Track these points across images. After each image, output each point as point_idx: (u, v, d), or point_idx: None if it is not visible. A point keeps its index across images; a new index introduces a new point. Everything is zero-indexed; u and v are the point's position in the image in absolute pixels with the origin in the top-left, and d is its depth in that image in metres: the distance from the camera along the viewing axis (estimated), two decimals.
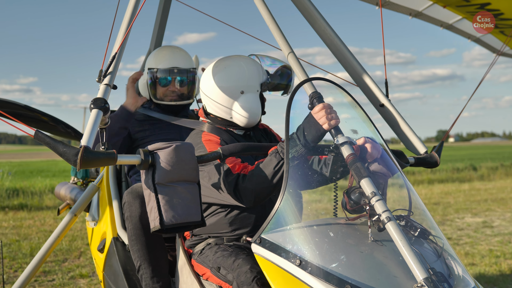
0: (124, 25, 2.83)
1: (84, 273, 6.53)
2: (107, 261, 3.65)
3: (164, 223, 2.26)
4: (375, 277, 2.05)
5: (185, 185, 2.33)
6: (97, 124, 2.36)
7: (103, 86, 2.57)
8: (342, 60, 3.50)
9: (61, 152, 2.20)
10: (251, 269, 2.47)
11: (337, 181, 2.53)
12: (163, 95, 3.72)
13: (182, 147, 2.33)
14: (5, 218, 11.01)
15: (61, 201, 4.71)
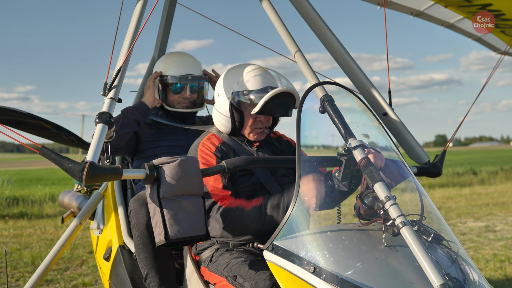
0: (129, 38, 2.82)
1: (87, 282, 6.48)
2: (113, 269, 3.61)
3: (170, 238, 2.28)
4: (391, 284, 2.01)
5: (190, 199, 2.34)
6: (102, 139, 2.37)
7: (108, 100, 2.56)
8: (346, 68, 3.48)
9: (67, 168, 2.21)
10: (270, 276, 2.44)
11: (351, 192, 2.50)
12: (176, 102, 3.71)
13: (186, 161, 2.34)
14: (6, 227, 10.96)
15: (65, 209, 4.67)
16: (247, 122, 2.97)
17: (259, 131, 3.00)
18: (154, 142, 3.65)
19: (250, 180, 2.88)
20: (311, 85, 2.59)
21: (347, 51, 3.43)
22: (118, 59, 2.74)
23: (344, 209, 2.52)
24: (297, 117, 2.37)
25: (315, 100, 2.56)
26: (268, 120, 3.01)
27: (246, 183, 2.87)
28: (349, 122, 2.46)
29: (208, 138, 2.99)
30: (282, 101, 2.87)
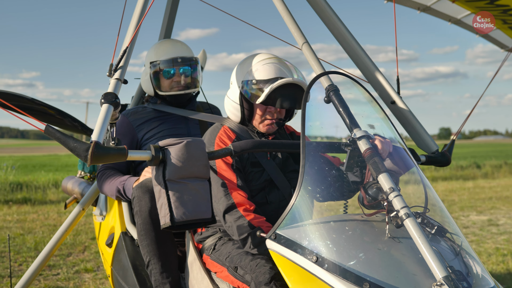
0: (135, 19, 2.80)
1: (89, 268, 6.50)
2: (115, 256, 3.61)
3: (175, 220, 2.24)
4: (394, 275, 2.01)
5: (195, 182, 2.30)
6: (107, 119, 2.33)
7: (113, 81, 2.53)
8: (354, 56, 3.46)
9: (71, 147, 2.18)
10: (270, 269, 2.42)
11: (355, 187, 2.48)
12: (169, 87, 3.68)
13: (193, 143, 2.30)
14: (9, 212, 11.00)
15: (68, 195, 4.67)
16: (256, 112, 2.92)
17: (269, 122, 2.92)
18: (155, 136, 3.63)
19: (261, 176, 2.84)
20: (316, 74, 2.58)
21: (356, 39, 3.41)
22: (124, 40, 2.72)
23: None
24: (302, 106, 2.35)
25: (320, 90, 2.54)
26: (279, 112, 2.93)
27: (257, 180, 2.84)
28: (354, 112, 2.45)
29: (223, 132, 2.92)
30: (289, 93, 2.78)
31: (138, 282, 3.27)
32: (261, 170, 2.85)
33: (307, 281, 2.09)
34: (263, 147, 2.62)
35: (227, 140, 2.87)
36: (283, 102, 2.79)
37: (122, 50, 2.66)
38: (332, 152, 2.52)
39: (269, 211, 2.78)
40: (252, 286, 2.46)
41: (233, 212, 2.63)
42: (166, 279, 3.09)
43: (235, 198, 2.65)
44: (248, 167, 2.83)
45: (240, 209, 2.63)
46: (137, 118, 3.68)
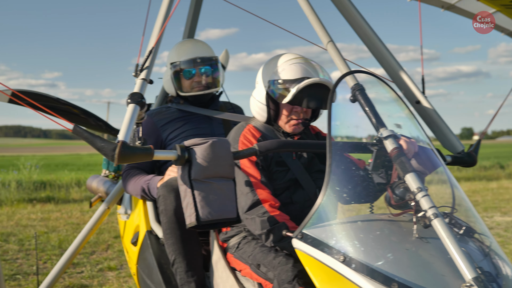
0: (160, 19, 2.82)
1: (112, 266, 6.56)
2: (140, 254, 3.64)
3: (200, 219, 2.25)
4: (423, 276, 1.99)
5: (221, 182, 2.31)
6: (134, 119, 2.36)
7: (139, 81, 2.56)
8: (378, 55, 3.44)
9: (99, 147, 2.21)
10: (292, 267, 2.42)
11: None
12: (190, 87, 3.69)
13: (218, 143, 2.31)
14: (33, 210, 11.14)
15: (93, 194, 4.72)
16: (282, 112, 2.91)
17: (295, 122, 2.91)
18: (179, 136, 3.65)
19: (286, 176, 2.84)
20: (342, 73, 2.57)
21: (380, 38, 3.39)
22: (149, 40, 2.74)
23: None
24: (328, 105, 2.34)
25: (345, 90, 2.53)
26: (306, 112, 2.91)
27: (282, 179, 2.83)
28: (380, 112, 2.43)
29: (248, 131, 2.92)
30: (315, 92, 2.77)
31: (163, 280, 3.30)
32: (286, 170, 2.85)
33: (334, 281, 2.08)
34: (289, 147, 2.61)
35: (252, 138, 2.87)
36: (310, 102, 2.78)
37: (147, 50, 2.68)
38: (358, 152, 2.51)
39: (294, 211, 2.78)
40: (275, 284, 2.47)
41: (258, 208, 2.64)
42: (191, 278, 3.11)
43: (260, 195, 2.66)
44: (272, 166, 2.83)
45: (266, 205, 2.64)
46: (161, 118, 3.71)
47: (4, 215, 10.31)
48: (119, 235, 8.28)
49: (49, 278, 4.04)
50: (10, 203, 11.92)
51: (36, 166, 15.27)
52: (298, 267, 2.37)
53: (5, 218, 9.95)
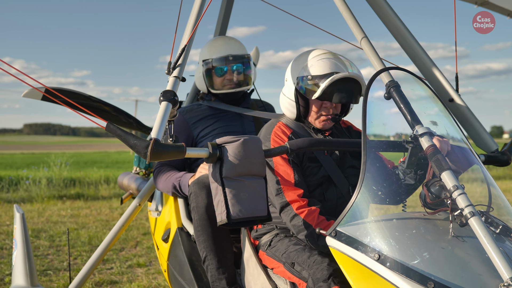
0: (193, 17, 2.83)
1: (141, 262, 6.61)
2: (171, 251, 3.66)
3: (231, 217, 2.25)
4: (459, 275, 1.96)
5: (252, 179, 2.31)
6: (166, 117, 2.37)
7: (172, 79, 2.57)
8: (411, 52, 3.41)
9: (131, 144, 2.23)
10: (328, 266, 2.42)
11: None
12: (221, 85, 3.71)
13: (250, 141, 2.31)
14: (63, 207, 11.30)
15: (124, 190, 4.76)
16: (311, 108, 2.91)
17: (324, 118, 2.91)
18: (210, 133, 3.66)
19: (319, 172, 2.83)
20: (376, 70, 2.54)
21: (413, 35, 3.35)
22: (182, 38, 2.75)
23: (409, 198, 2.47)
24: (363, 102, 2.32)
25: (378, 87, 2.50)
26: (335, 107, 2.91)
27: (315, 176, 2.82)
28: (415, 109, 2.40)
29: (279, 128, 2.92)
30: (345, 87, 2.76)
31: (194, 277, 3.31)
32: (318, 166, 2.84)
33: (368, 279, 2.07)
34: (320, 146, 2.59)
35: (283, 135, 2.87)
36: (339, 97, 2.77)
37: (180, 48, 2.69)
38: (393, 151, 2.48)
39: (326, 208, 2.77)
40: (310, 283, 2.46)
41: (287, 210, 2.65)
42: (223, 275, 3.11)
43: (287, 197, 2.66)
44: (305, 162, 2.82)
45: (294, 206, 2.64)
46: (193, 115, 3.72)
47: (35, 211, 10.48)
48: (148, 232, 8.35)
49: (81, 274, 4.09)
50: (41, 200, 12.11)
51: (66, 163, 15.49)
52: (333, 265, 2.36)
53: (36, 214, 10.11)
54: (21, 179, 13.84)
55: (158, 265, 6.45)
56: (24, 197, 12.44)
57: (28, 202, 11.91)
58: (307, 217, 2.60)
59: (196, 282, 3.29)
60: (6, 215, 10.01)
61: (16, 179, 14.05)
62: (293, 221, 2.63)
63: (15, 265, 3.97)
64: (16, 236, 4.06)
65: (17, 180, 13.90)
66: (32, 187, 13.01)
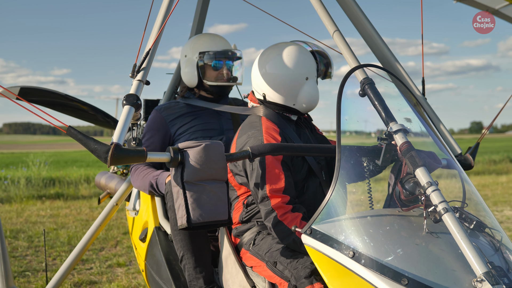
0: (159, 21, 2.81)
1: (121, 262, 6.58)
2: (149, 250, 3.64)
3: (192, 221, 2.27)
4: (433, 271, 1.97)
5: (213, 184, 2.33)
6: (128, 121, 2.39)
7: (136, 82, 2.57)
8: (378, 52, 3.38)
9: (92, 148, 2.24)
10: (310, 264, 2.44)
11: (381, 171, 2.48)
12: (215, 78, 3.70)
13: (211, 146, 2.33)
14: (43, 207, 11.18)
15: (101, 190, 4.72)
16: None
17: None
18: (187, 130, 3.65)
19: (303, 166, 2.84)
20: (352, 67, 2.54)
21: (380, 36, 3.33)
22: (147, 41, 2.74)
23: (377, 196, 2.48)
24: (338, 100, 2.32)
25: (353, 84, 2.50)
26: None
27: (300, 171, 2.83)
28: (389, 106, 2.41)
29: (267, 129, 2.88)
30: None
31: (171, 276, 3.30)
32: (302, 158, 2.86)
33: (343, 276, 2.07)
34: (282, 151, 2.61)
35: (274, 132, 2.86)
36: None
37: (145, 52, 2.68)
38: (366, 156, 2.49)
39: (307, 200, 2.78)
40: (292, 281, 2.47)
41: (271, 218, 2.66)
42: (200, 274, 3.10)
43: (273, 203, 2.66)
44: (294, 158, 2.82)
45: (278, 213, 2.64)
46: (170, 113, 3.70)
47: (14, 212, 10.36)
48: (128, 231, 8.30)
49: (58, 274, 4.05)
50: (20, 200, 11.98)
51: (45, 163, 15.33)
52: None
53: (15, 215, 9.99)
54: None
55: (137, 265, 6.41)
56: (3, 197, 12.30)
57: (6, 203, 11.77)
58: (290, 223, 2.61)
59: (173, 282, 3.27)
60: None
61: None
62: (276, 228, 2.64)
63: None
64: None
65: None
66: (10, 187, 12.87)
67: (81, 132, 2.27)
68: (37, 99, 4.59)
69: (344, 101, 2.36)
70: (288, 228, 2.60)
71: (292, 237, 2.60)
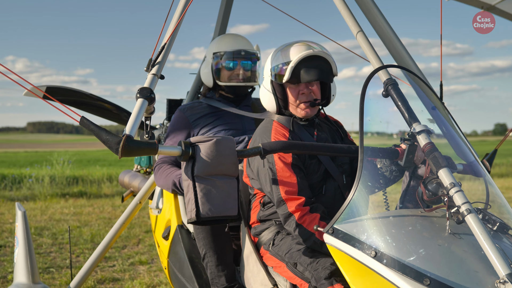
0: (176, 16, 2.84)
1: (143, 260, 6.64)
2: (172, 248, 3.68)
3: (200, 215, 2.26)
4: (455, 272, 1.97)
5: (223, 179, 2.32)
6: (141, 113, 2.39)
7: (150, 76, 2.59)
8: (396, 56, 3.37)
9: (104, 139, 2.24)
10: (330, 265, 2.45)
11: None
12: (228, 78, 3.73)
13: (222, 141, 2.32)
14: (66, 205, 11.33)
15: (125, 188, 4.78)
16: (289, 97, 2.91)
17: (304, 106, 2.89)
18: (210, 131, 3.68)
19: (319, 168, 2.83)
20: (375, 68, 2.54)
21: (398, 37, 3.31)
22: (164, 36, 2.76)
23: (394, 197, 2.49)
24: (360, 100, 2.33)
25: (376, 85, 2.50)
26: (313, 91, 2.89)
27: (317, 173, 2.83)
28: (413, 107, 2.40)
29: (276, 129, 2.90)
30: (313, 65, 2.79)
31: (194, 274, 3.33)
32: (317, 161, 2.84)
33: (365, 276, 2.08)
34: (294, 149, 2.56)
35: (282, 137, 2.86)
36: (308, 75, 2.79)
37: (161, 46, 2.70)
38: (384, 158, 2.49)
39: (325, 202, 2.78)
40: (313, 282, 2.48)
41: (290, 222, 2.67)
42: (222, 272, 3.13)
43: (290, 207, 2.67)
44: (307, 160, 2.82)
45: (296, 216, 2.65)
46: (194, 113, 3.74)
47: (38, 209, 10.52)
48: (150, 229, 8.37)
49: (83, 271, 4.11)
50: (44, 198, 12.15)
51: (68, 162, 15.52)
52: (336, 265, 2.37)
53: (39, 212, 10.14)
54: (24, 177, 13.89)
55: (159, 263, 6.47)
56: (27, 195, 12.49)
57: (31, 200, 11.95)
58: (309, 225, 2.61)
59: (196, 279, 3.31)
60: (9, 213, 10.04)
61: (19, 177, 14.11)
62: (296, 232, 2.65)
63: (17, 263, 3.99)
64: (18, 234, 4.08)
65: (20, 179, 13.95)
66: (35, 185, 13.06)
67: (93, 123, 2.27)
68: (63, 98, 4.67)
69: (366, 101, 2.37)
70: (308, 230, 2.61)
71: (313, 239, 2.60)
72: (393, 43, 3.33)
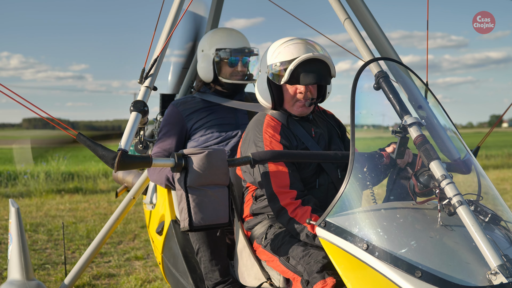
0: (166, 29, 2.85)
1: (139, 255, 6.64)
2: (166, 243, 3.68)
3: (193, 225, 2.39)
4: (447, 263, 1.98)
5: (215, 189, 2.43)
6: (135, 127, 2.49)
7: (143, 88, 2.66)
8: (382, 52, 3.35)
9: (100, 155, 2.35)
10: (322, 258, 2.45)
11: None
12: (230, 75, 3.71)
13: (214, 153, 2.42)
14: (62, 201, 11.31)
15: (119, 184, 4.77)
16: (285, 95, 2.92)
17: (300, 104, 2.90)
18: (204, 125, 3.67)
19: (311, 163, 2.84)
20: (362, 55, 2.54)
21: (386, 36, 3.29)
22: (155, 48, 2.79)
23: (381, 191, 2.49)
24: (352, 93, 2.32)
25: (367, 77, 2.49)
26: (310, 91, 2.89)
27: (309, 167, 2.84)
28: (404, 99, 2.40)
29: (268, 124, 2.90)
30: (312, 68, 2.80)
31: (188, 269, 3.33)
32: None
33: (357, 269, 2.08)
34: (282, 158, 2.67)
35: (276, 133, 2.87)
36: (307, 78, 2.80)
37: (153, 58, 2.72)
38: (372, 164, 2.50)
39: (318, 195, 2.79)
40: (305, 276, 2.48)
41: (283, 215, 2.69)
42: (215, 266, 3.13)
43: (281, 201, 2.69)
44: None
45: (288, 210, 2.66)
46: (187, 108, 3.72)
47: (33, 206, 10.49)
48: (145, 225, 8.37)
49: (77, 267, 4.10)
50: (39, 194, 12.12)
51: (64, 158, 15.48)
52: (328, 258, 2.37)
53: (34, 208, 10.12)
54: (19, 173, 13.85)
55: (155, 258, 6.48)
56: (23, 192, 12.46)
57: (26, 197, 11.92)
58: (301, 219, 2.63)
59: (189, 274, 3.31)
60: (5, 209, 10.01)
61: (14, 173, 14.06)
62: (289, 225, 2.67)
63: (11, 259, 3.98)
64: (12, 230, 4.06)
65: (15, 175, 13.90)
66: (30, 182, 13.02)
67: (89, 138, 2.38)
68: None
69: (360, 94, 2.37)
70: (300, 223, 2.62)
71: (305, 232, 2.61)
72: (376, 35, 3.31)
